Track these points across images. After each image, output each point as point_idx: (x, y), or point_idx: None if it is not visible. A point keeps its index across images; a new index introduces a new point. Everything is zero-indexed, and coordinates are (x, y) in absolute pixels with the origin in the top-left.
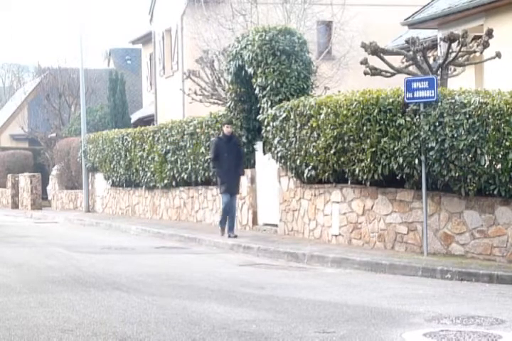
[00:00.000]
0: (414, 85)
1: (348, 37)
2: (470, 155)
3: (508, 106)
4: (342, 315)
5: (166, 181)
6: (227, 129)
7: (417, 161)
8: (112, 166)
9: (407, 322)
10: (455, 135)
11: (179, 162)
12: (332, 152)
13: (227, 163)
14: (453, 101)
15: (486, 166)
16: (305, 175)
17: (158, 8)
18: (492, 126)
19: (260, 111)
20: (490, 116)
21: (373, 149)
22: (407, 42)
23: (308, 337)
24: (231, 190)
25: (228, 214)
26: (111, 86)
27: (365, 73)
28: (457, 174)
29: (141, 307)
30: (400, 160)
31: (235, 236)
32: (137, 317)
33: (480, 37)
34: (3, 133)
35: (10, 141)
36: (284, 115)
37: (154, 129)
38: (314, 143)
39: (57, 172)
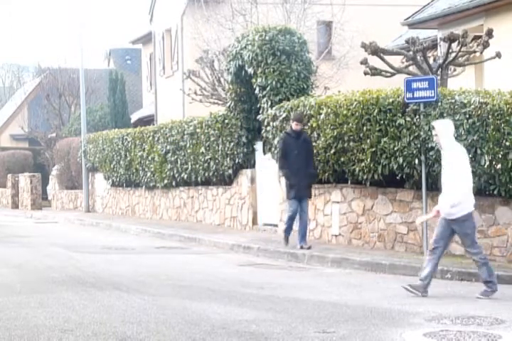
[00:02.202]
0: (414, 85)
1: (348, 37)
2: (470, 155)
3: (508, 106)
4: (342, 315)
5: (166, 181)
6: (296, 127)
7: (417, 161)
8: (111, 166)
9: (407, 322)
10: (455, 135)
11: (179, 162)
12: (332, 152)
13: (297, 162)
14: (453, 101)
15: (486, 166)
16: None
17: (158, 8)
18: (492, 126)
19: (260, 111)
20: (490, 116)
21: (373, 149)
22: (407, 42)
23: (308, 337)
24: (301, 193)
25: (300, 221)
26: (111, 86)
27: (365, 73)
28: None
29: (141, 307)
30: (400, 160)
31: (309, 248)
32: (137, 317)
33: (480, 37)
34: (3, 133)
35: (10, 141)
36: (284, 115)
37: (154, 129)
38: (314, 143)
39: (57, 172)
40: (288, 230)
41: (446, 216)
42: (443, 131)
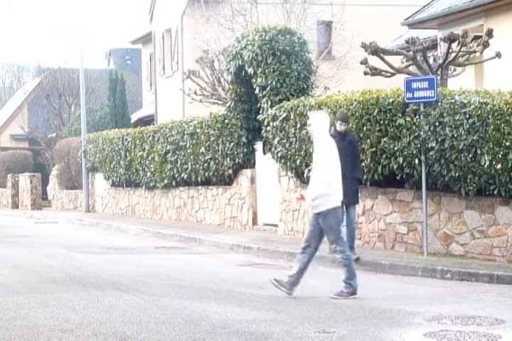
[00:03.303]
0: (414, 85)
1: (348, 37)
2: (470, 155)
3: (508, 106)
4: (342, 315)
5: (166, 181)
6: (340, 127)
7: (417, 161)
8: (111, 166)
9: (407, 322)
10: (455, 135)
11: (179, 162)
12: None
13: (342, 166)
14: (453, 101)
15: (486, 166)
16: (305, 175)
17: (158, 8)
18: (492, 126)
19: (260, 111)
20: (490, 116)
21: (373, 149)
22: (407, 42)
23: (308, 337)
24: (347, 200)
25: (346, 230)
26: (111, 86)
27: (365, 73)
28: (457, 174)
29: (141, 307)
30: (400, 160)
31: (357, 259)
32: (137, 317)
33: (480, 37)
34: (3, 133)
35: (10, 141)
36: (284, 115)
37: (154, 129)
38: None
39: (57, 172)
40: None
41: (312, 209)
42: (317, 122)
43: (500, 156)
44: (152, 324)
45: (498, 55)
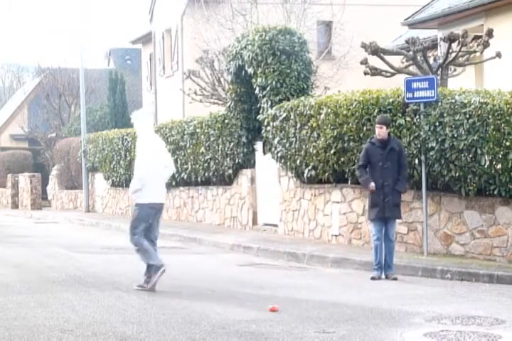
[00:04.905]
0: (414, 85)
1: (348, 37)
2: (470, 155)
3: (508, 106)
4: (342, 315)
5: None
6: (379, 130)
7: (417, 161)
8: (111, 166)
9: (407, 322)
10: (455, 135)
11: (179, 162)
12: (332, 152)
13: (382, 176)
14: (453, 101)
15: (486, 166)
16: (305, 175)
17: (158, 8)
18: (492, 126)
19: (260, 111)
20: (490, 116)
21: None
22: (407, 42)
23: (308, 337)
24: (386, 214)
25: (381, 247)
26: (111, 86)
27: (365, 73)
28: (457, 174)
29: (141, 307)
30: None
31: (395, 279)
32: (137, 317)
33: (480, 37)
34: (3, 133)
35: (10, 141)
36: (284, 115)
37: (154, 129)
38: (314, 143)
39: (57, 172)
40: (376, 266)
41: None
42: (139, 118)
43: (500, 156)
44: (152, 324)
45: (498, 55)
